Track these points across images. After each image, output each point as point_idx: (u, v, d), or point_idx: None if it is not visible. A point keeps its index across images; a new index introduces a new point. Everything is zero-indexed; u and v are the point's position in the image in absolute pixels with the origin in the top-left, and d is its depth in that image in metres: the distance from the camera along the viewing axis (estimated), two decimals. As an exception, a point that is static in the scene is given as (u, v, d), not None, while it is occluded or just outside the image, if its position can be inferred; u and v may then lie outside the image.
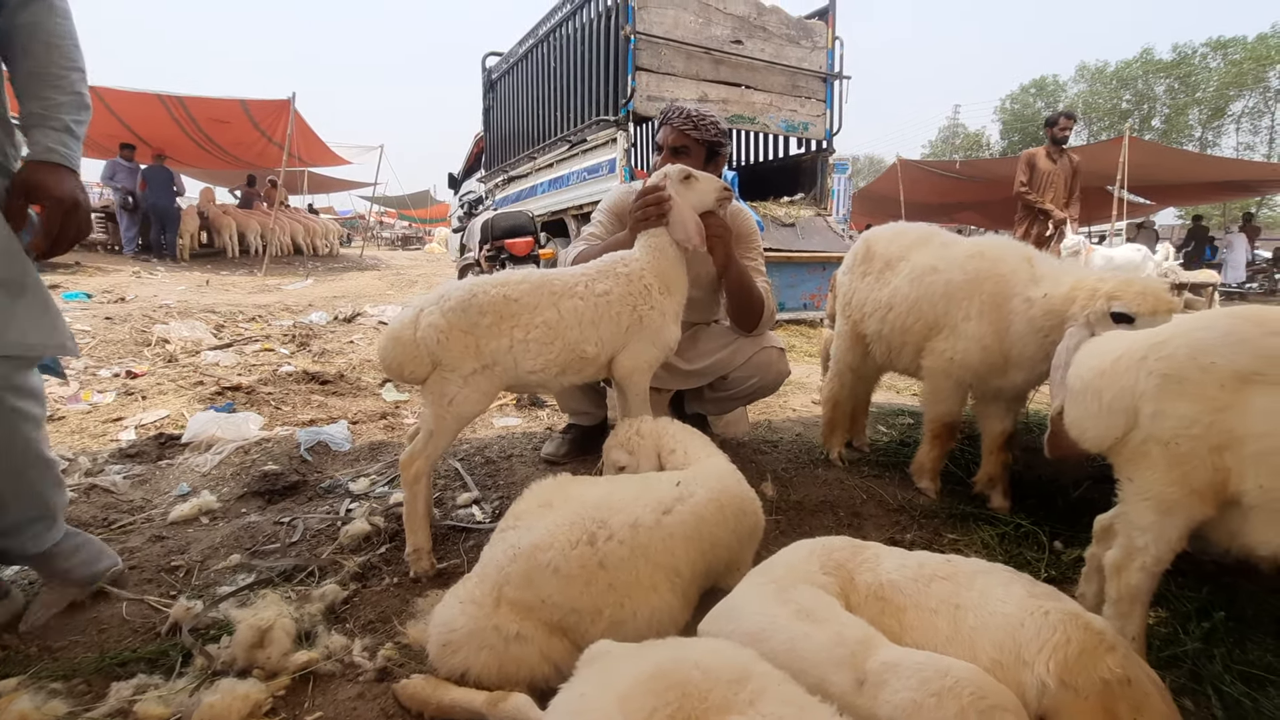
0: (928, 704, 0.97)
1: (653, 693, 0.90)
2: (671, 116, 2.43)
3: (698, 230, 2.01)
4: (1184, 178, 14.70)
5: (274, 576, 1.80)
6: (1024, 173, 6.98)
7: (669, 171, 2.09)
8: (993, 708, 0.96)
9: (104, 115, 12.22)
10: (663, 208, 2.03)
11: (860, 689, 1.01)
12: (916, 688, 0.98)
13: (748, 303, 2.41)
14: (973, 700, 0.96)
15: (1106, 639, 1.10)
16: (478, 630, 1.30)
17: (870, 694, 1.00)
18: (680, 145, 2.39)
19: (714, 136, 2.41)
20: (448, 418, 1.82)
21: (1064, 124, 6.93)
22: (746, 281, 2.38)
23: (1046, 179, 6.92)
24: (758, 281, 2.45)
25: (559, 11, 7.23)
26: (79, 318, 5.43)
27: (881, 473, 2.66)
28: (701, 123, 2.39)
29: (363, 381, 4.02)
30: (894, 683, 0.99)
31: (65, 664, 1.45)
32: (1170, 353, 1.32)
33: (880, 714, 0.99)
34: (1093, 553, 1.59)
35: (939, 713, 0.96)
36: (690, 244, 2.01)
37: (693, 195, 2.08)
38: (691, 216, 2.02)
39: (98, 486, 2.37)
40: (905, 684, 0.99)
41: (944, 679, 0.98)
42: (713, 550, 1.52)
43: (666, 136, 2.43)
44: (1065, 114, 7.05)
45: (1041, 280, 2.06)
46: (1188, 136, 35.34)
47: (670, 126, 2.42)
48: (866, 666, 1.03)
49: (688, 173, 2.10)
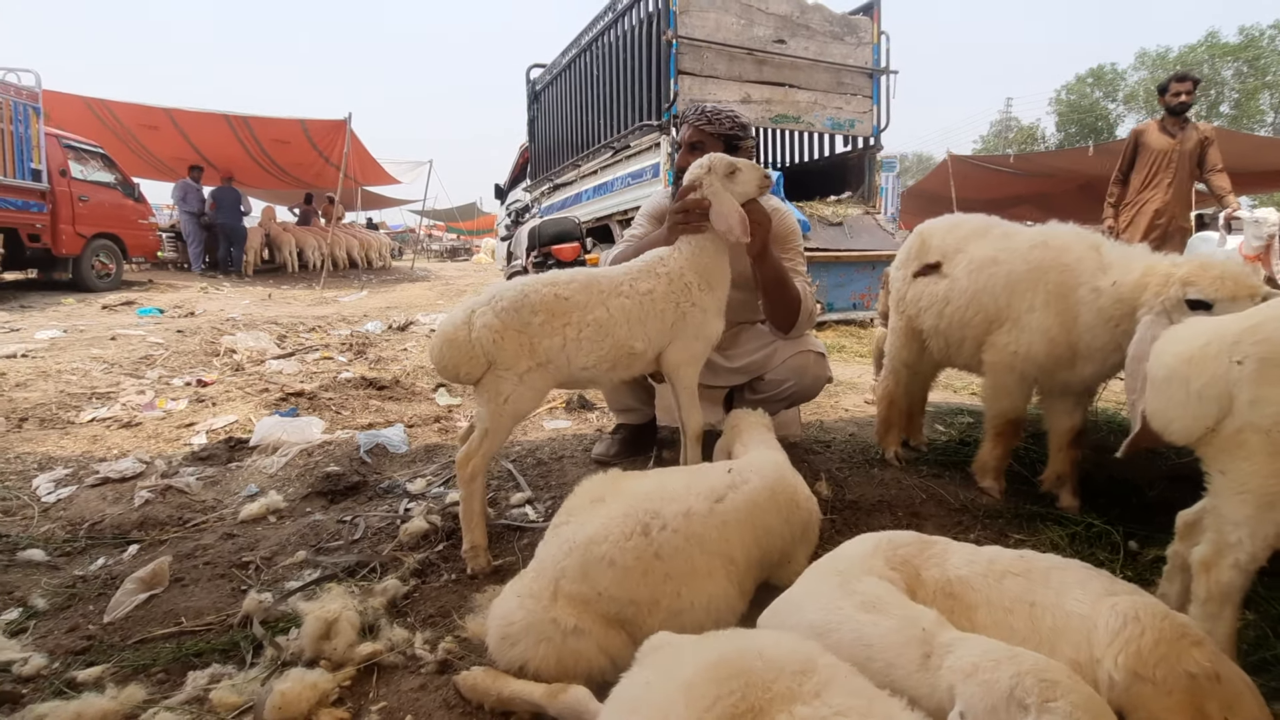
0: (985, 666, 0.93)
1: (715, 681, 0.89)
2: (688, 115, 2.49)
3: (741, 222, 1.96)
4: (1257, 164, 13.88)
5: (338, 572, 1.85)
6: (1126, 155, 5.61)
7: (713, 163, 2.04)
8: (1055, 683, 0.89)
9: (175, 137, 12.92)
10: (701, 212, 2.01)
11: (926, 663, 0.98)
12: (979, 655, 0.94)
13: (783, 298, 2.36)
14: (1034, 670, 0.90)
15: (1191, 633, 1.04)
16: (536, 623, 1.30)
17: (934, 665, 0.97)
18: (697, 141, 2.40)
19: (730, 129, 2.40)
20: (503, 416, 1.85)
21: (1176, 88, 5.36)
22: (783, 275, 2.33)
23: (1162, 160, 5.42)
24: (796, 281, 2.41)
25: (601, 20, 7.30)
26: (153, 331, 5.73)
27: (941, 472, 2.57)
28: (716, 117, 2.40)
29: (417, 386, 4.11)
30: (959, 650, 0.96)
31: (146, 654, 1.52)
32: (1268, 335, 1.23)
33: (940, 683, 0.95)
34: (1176, 550, 1.50)
35: (994, 674, 0.91)
36: (733, 236, 1.96)
37: (737, 186, 2.04)
38: (735, 209, 1.98)
39: (173, 488, 2.49)
40: (970, 652, 0.95)
41: (1009, 652, 0.94)
42: (766, 537, 1.51)
43: (685, 134, 2.48)
44: (1178, 76, 5.46)
45: (1110, 268, 1.97)
46: (1259, 122, 33.45)
47: (688, 124, 2.46)
48: (935, 642, 0.99)
49: (731, 164, 2.05)
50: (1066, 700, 0.87)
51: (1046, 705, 0.86)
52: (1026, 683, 0.88)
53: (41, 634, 1.62)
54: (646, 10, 6.27)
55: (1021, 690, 0.88)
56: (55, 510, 2.35)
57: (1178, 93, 5.36)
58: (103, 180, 9.82)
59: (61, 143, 9.13)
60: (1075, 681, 0.92)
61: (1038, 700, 0.87)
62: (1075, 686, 0.90)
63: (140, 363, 4.57)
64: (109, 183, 9.95)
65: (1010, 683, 0.89)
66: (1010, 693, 0.88)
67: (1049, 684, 0.88)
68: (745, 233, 1.97)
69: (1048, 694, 0.87)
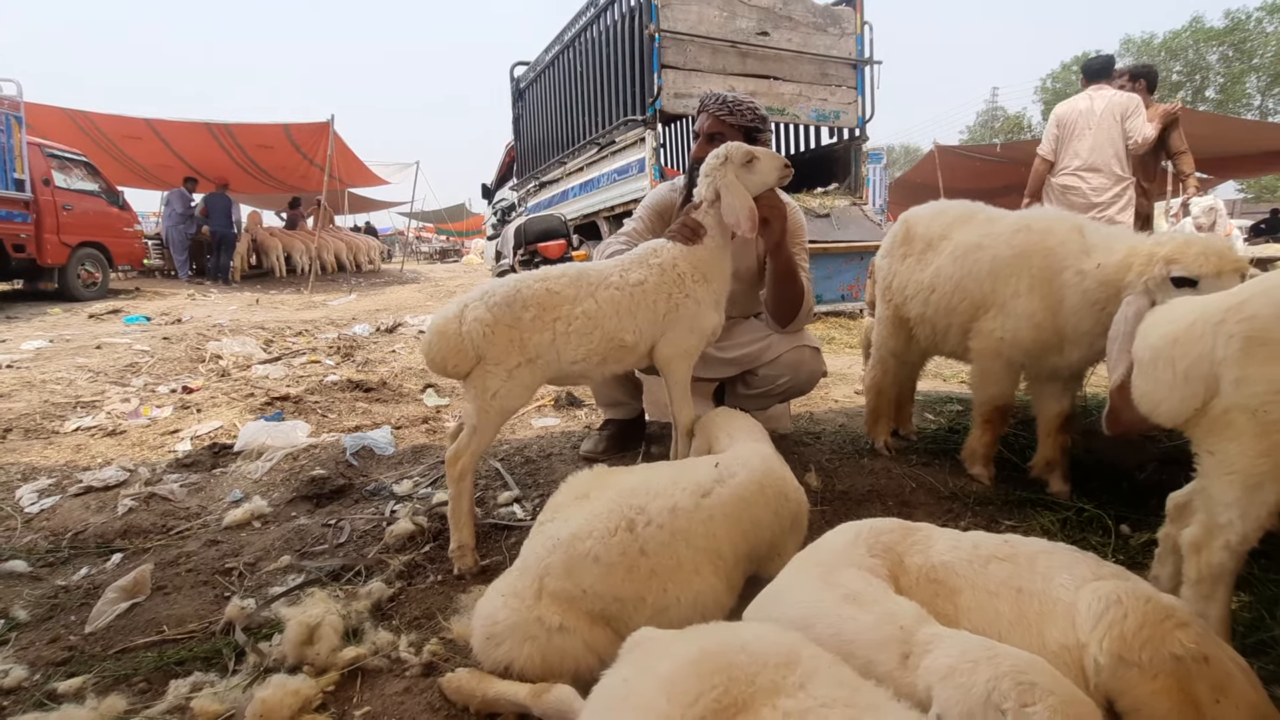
0: (962, 668, 0.91)
1: (697, 676, 0.87)
2: (708, 103, 2.41)
3: (749, 216, 1.91)
4: (1244, 148, 13.97)
5: (322, 576, 1.82)
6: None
7: (730, 153, 1.98)
8: (1033, 685, 0.87)
9: (157, 146, 12.80)
10: (698, 236, 2.00)
11: (905, 663, 0.96)
12: (956, 656, 0.92)
13: (790, 291, 2.35)
14: (1011, 672, 0.89)
15: (1177, 614, 1.03)
16: (520, 623, 1.29)
17: (913, 665, 0.95)
18: (716, 131, 2.35)
19: (750, 121, 2.36)
20: (491, 411, 1.83)
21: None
22: (793, 268, 2.31)
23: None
24: (801, 275, 2.39)
25: (584, 15, 7.27)
26: (139, 339, 5.67)
27: (931, 460, 2.57)
28: (738, 108, 2.35)
29: (404, 388, 4.08)
30: (936, 651, 0.94)
31: (127, 663, 1.50)
32: (1253, 313, 1.21)
33: (919, 684, 0.94)
34: (1167, 533, 1.49)
35: (971, 676, 0.90)
36: (740, 229, 1.92)
37: (755, 177, 1.98)
38: (745, 202, 1.92)
39: (156, 495, 2.46)
40: (946, 652, 0.93)
41: (988, 651, 0.92)
42: (754, 531, 1.50)
43: (703, 124, 2.41)
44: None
45: (1093, 250, 1.97)
46: (1246, 105, 33.63)
47: (707, 113, 2.39)
48: (913, 640, 0.98)
49: (750, 154, 1.98)
50: (1045, 704, 0.85)
51: (1024, 710, 0.84)
52: (1004, 686, 0.87)
53: (23, 645, 1.59)
54: (628, 5, 6.25)
55: (999, 694, 0.86)
56: (38, 521, 2.32)
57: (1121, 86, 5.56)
58: (87, 189, 9.72)
59: (44, 152, 9.02)
60: (1056, 681, 0.90)
61: (1015, 705, 0.85)
62: (1055, 687, 0.88)
63: (126, 371, 4.52)
64: (93, 191, 9.85)
65: (987, 687, 0.87)
66: (987, 697, 0.87)
67: (1027, 686, 0.86)
68: (752, 229, 1.92)
69: (1026, 697, 0.85)
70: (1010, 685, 0.86)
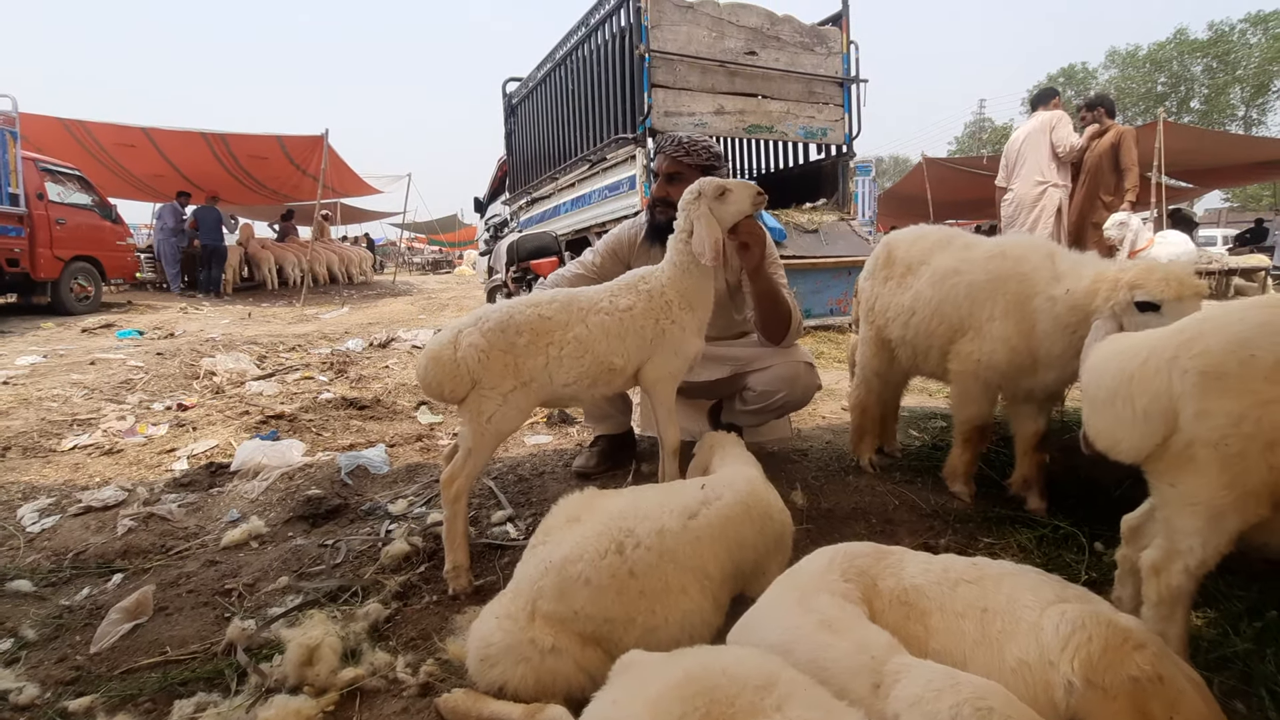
0: (927, 697, 0.98)
1: (681, 699, 0.93)
2: (665, 145, 2.53)
3: (714, 246, 1.98)
4: (1227, 160, 14.20)
5: (320, 597, 1.87)
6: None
7: (703, 188, 2.05)
8: (990, 710, 0.95)
9: (152, 155, 12.82)
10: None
11: (876, 691, 1.03)
12: (923, 685, 0.99)
13: (775, 310, 2.44)
14: (971, 698, 0.96)
15: (1134, 636, 1.08)
16: (514, 644, 1.34)
17: (883, 694, 1.02)
18: (674, 171, 2.47)
19: (706, 160, 2.46)
20: (486, 434, 1.89)
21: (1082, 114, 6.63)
22: (775, 289, 2.41)
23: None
24: (784, 293, 2.47)
25: (575, 34, 7.37)
26: (132, 354, 5.69)
27: (914, 478, 2.64)
28: (693, 148, 2.47)
29: (398, 405, 4.13)
30: (905, 681, 1.01)
31: (132, 684, 1.54)
32: (1205, 348, 1.24)
33: (888, 711, 1.00)
34: (1124, 554, 1.54)
35: (935, 704, 0.96)
36: (704, 259, 1.99)
37: (730, 207, 2.05)
38: (712, 233, 1.99)
39: (155, 515, 2.49)
40: (914, 682, 1.00)
41: (950, 680, 0.99)
42: (740, 551, 1.55)
43: (661, 164, 2.53)
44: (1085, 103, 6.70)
45: (1063, 277, 2.05)
46: (1230, 116, 34.19)
47: (664, 154, 2.51)
48: (884, 670, 1.04)
49: (721, 187, 2.05)
50: None
51: None
52: (964, 712, 0.94)
53: (33, 664, 1.64)
54: (619, 25, 6.34)
55: (959, 719, 0.94)
56: (40, 540, 2.36)
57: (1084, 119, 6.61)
58: (80, 203, 9.73)
59: (38, 166, 9.04)
60: (1011, 705, 0.97)
61: None
62: (1011, 712, 0.95)
63: (120, 387, 4.54)
64: (86, 205, 9.86)
65: (950, 713, 0.94)
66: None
67: (985, 711, 0.94)
68: (715, 259, 1.99)
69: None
70: (970, 711, 0.94)
